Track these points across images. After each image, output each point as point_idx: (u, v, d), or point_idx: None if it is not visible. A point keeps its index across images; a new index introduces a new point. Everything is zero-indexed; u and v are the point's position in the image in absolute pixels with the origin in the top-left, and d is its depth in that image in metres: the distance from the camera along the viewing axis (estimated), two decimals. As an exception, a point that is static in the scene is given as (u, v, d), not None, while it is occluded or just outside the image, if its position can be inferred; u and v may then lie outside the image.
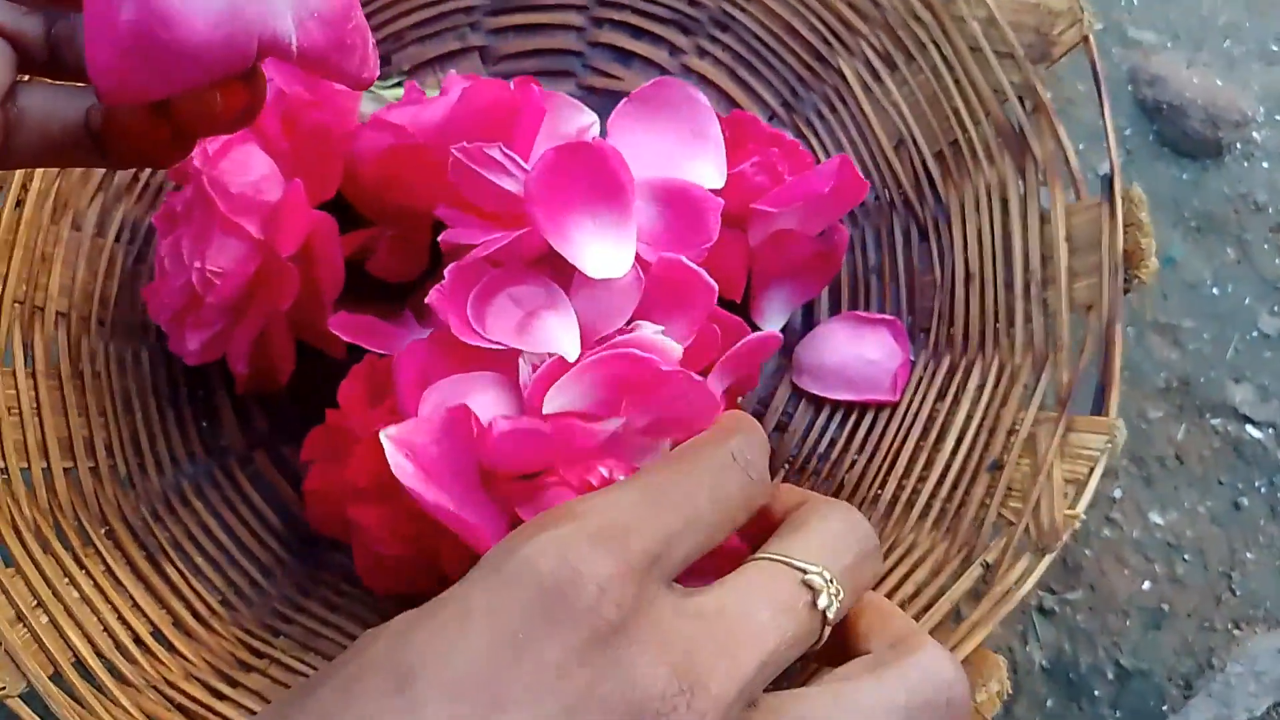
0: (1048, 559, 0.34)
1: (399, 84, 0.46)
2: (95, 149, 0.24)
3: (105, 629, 0.36)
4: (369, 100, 0.43)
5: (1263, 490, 0.49)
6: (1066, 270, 0.39)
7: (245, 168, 0.37)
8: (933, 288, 0.43)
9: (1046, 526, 0.35)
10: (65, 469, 0.39)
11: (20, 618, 0.34)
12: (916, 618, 0.35)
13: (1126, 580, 0.48)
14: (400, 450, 0.30)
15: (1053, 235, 0.39)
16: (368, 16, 0.47)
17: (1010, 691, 0.33)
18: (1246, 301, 0.51)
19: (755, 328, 0.43)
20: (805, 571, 0.24)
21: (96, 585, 0.37)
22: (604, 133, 0.38)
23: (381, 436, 0.30)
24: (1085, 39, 0.40)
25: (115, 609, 0.37)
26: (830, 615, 0.24)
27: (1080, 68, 0.38)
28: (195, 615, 0.39)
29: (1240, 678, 0.47)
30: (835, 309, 0.45)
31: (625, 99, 0.39)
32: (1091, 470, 0.35)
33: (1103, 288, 0.37)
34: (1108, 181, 0.37)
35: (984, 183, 0.42)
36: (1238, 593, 0.48)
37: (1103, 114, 0.38)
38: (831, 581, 0.24)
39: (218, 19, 0.21)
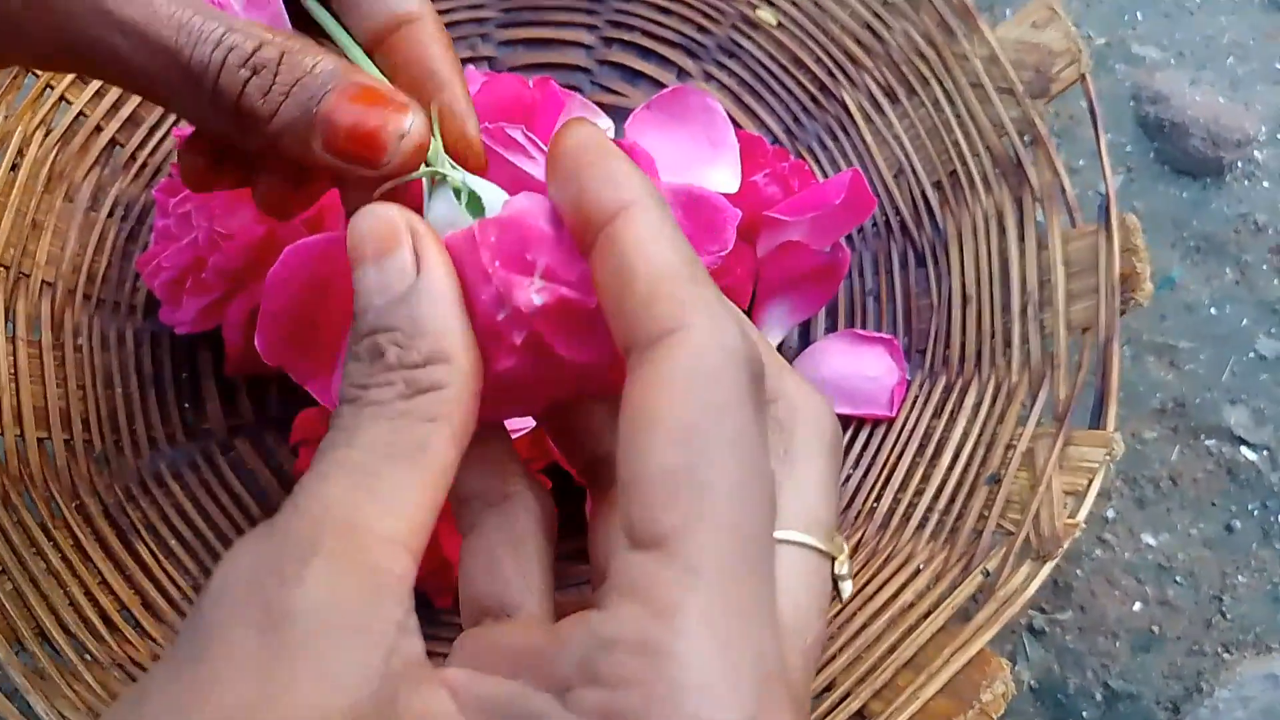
0: (1048, 566, 0.35)
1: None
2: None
3: (72, 603, 0.35)
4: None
5: (1255, 513, 0.48)
6: (1064, 293, 0.39)
7: None
8: (929, 310, 0.43)
9: (1047, 534, 0.35)
10: (39, 439, 0.38)
11: (-14, 581, 0.34)
12: (916, 625, 0.35)
13: (1117, 602, 0.48)
14: None
15: (1050, 260, 0.40)
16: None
17: (1014, 693, 0.32)
18: (1244, 323, 0.51)
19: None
20: (833, 559, 0.20)
21: (65, 559, 0.36)
22: (620, 137, 0.38)
23: None
24: (1083, 77, 0.41)
25: (83, 584, 0.36)
26: (843, 584, 0.21)
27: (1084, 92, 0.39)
28: (166, 597, 0.38)
29: (1228, 703, 0.47)
30: (833, 330, 0.45)
31: (644, 104, 0.40)
32: (1091, 482, 0.36)
33: (1100, 309, 0.38)
34: (1104, 209, 0.39)
35: (981, 210, 0.43)
36: (1228, 617, 0.47)
37: (1099, 146, 0.40)
38: (847, 556, 0.21)
39: None
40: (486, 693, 0.16)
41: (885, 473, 0.41)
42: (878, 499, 0.41)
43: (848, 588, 0.19)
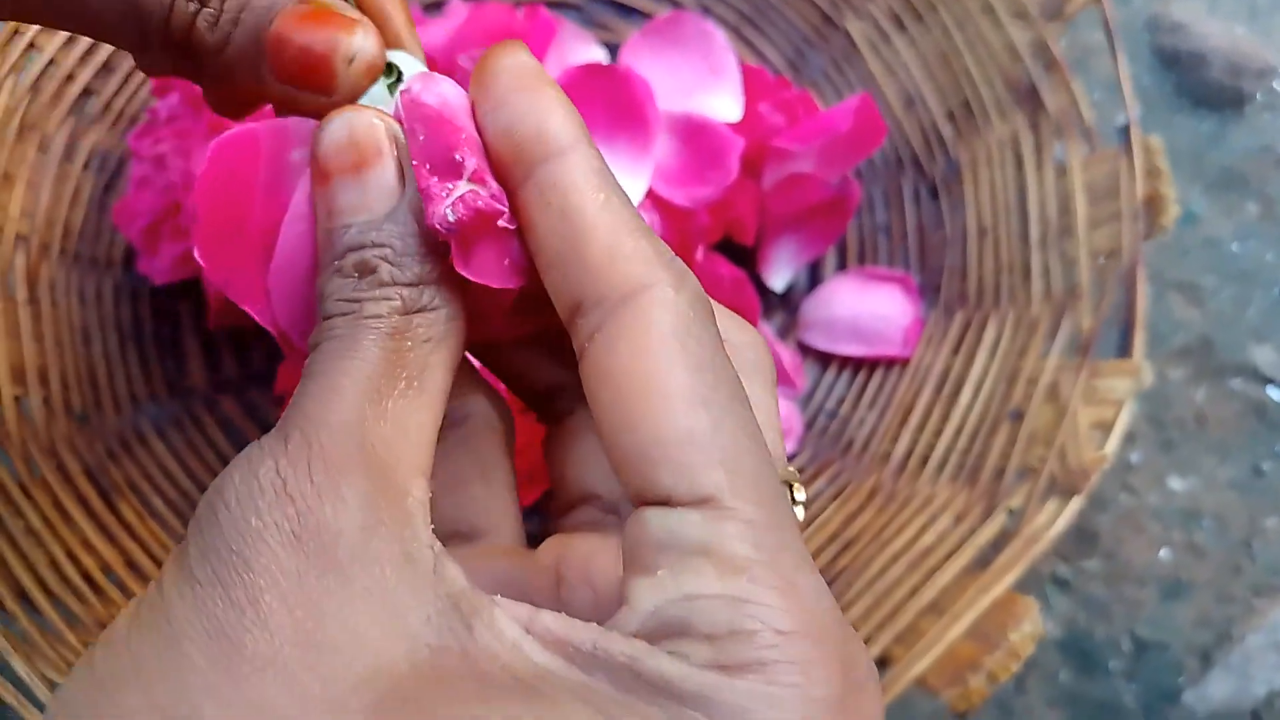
0: (1076, 501, 0.33)
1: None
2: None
3: (53, 564, 0.34)
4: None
5: (1285, 454, 0.47)
6: (1085, 220, 0.38)
7: None
8: (943, 245, 0.41)
9: (1074, 469, 0.33)
10: (15, 397, 0.37)
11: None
12: (939, 566, 0.33)
13: (1143, 549, 0.46)
14: None
15: (1070, 187, 0.38)
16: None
17: (1043, 633, 0.31)
18: (1268, 259, 0.49)
19: (761, 283, 0.42)
20: (792, 487, 0.20)
21: (45, 519, 0.34)
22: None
23: None
24: (1099, -3, 0.39)
25: (65, 545, 0.34)
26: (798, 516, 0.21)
27: (1099, 17, 0.37)
28: (151, 557, 0.36)
29: (1260, 649, 0.45)
30: (843, 268, 0.43)
31: (639, 31, 0.38)
32: (1118, 413, 0.34)
33: (1123, 233, 0.36)
34: (1124, 131, 0.37)
35: (996, 139, 0.41)
36: (1257, 561, 0.46)
37: (1116, 71, 0.38)
38: (800, 484, 0.21)
39: None
40: (562, 631, 0.15)
41: (902, 415, 0.39)
42: (894, 441, 0.39)
43: (800, 513, 0.20)
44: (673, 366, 0.16)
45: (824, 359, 0.42)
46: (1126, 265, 0.36)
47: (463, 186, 0.17)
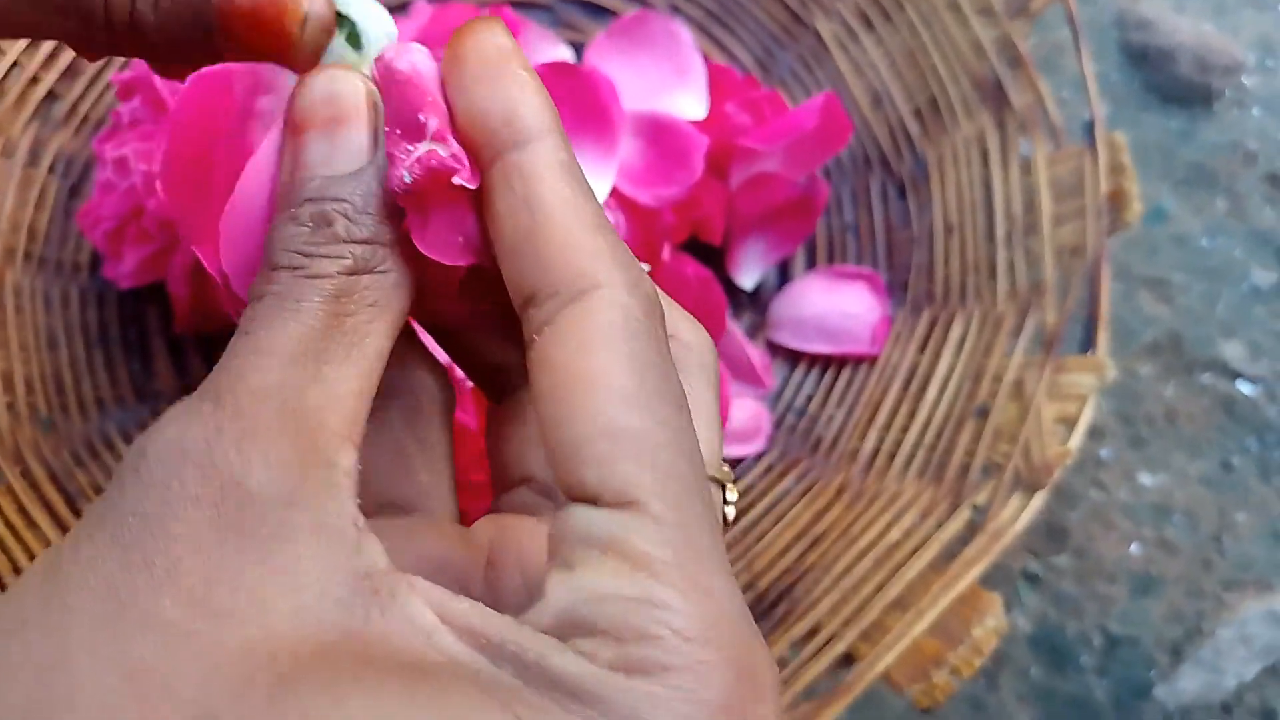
0: (1039, 497, 0.33)
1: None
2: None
3: (17, 570, 0.33)
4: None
5: (1254, 450, 0.47)
6: (1050, 216, 0.38)
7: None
8: (911, 243, 0.41)
9: (1037, 464, 0.33)
10: (-21, 402, 0.37)
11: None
12: (904, 562, 0.34)
13: (1114, 544, 0.46)
14: None
15: (1035, 184, 0.39)
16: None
17: (1006, 628, 0.31)
18: (1237, 255, 0.50)
19: (731, 282, 0.42)
20: (724, 487, 0.20)
21: (9, 525, 0.34)
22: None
23: None
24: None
25: (29, 551, 0.34)
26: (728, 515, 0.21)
27: (1067, 14, 0.37)
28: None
29: (1230, 643, 0.45)
30: (812, 267, 0.43)
31: (604, 31, 0.38)
32: (1082, 408, 0.34)
33: (1087, 229, 0.36)
34: (1089, 128, 0.37)
35: (962, 137, 0.41)
36: (1227, 556, 0.46)
37: (1081, 69, 0.38)
38: (733, 485, 0.21)
39: None
40: (476, 621, 0.15)
41: (870, 412, 0.39)
42: (862, 438, 0.39)
43: (731, 513, 0.20)
44: (614, 367, 0.16)
45: (793, 357, 0.42)
46: (1091, 261, 0.36)
47: (423, 147, 0.17)
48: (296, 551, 0.14)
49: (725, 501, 0.19)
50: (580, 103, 0.34)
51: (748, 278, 0.42)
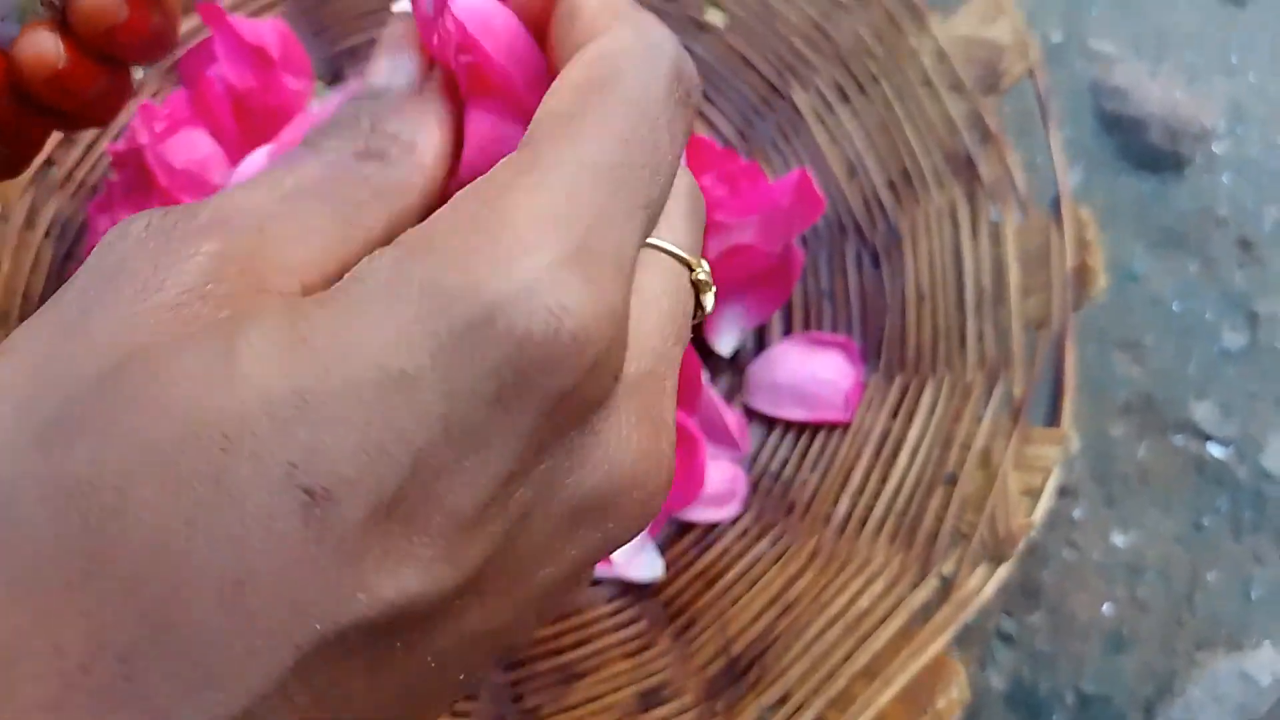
0: (1004, 568, 0.34)
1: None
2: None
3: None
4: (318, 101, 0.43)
5: (1224, 509, 0.48)
6: (1018, 287, 0.39)
7: (191, 147, 0.37)
8: (884, 310, 0.43)
9: (1002, 535, 0.34)
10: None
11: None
12: (872, 631, 0.34)
13: (1087, 603, 0.47)
14: None
15: (1003, 255, 0.40)
16: (327, 28, 0.47)
17: (969, 698, 0.32)
18: (1209, 317, 0.51)
19: (707, 349, 0.43)
20: (691, 269, 0.19)
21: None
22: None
23: None
24: (1030, 72, 0.41)
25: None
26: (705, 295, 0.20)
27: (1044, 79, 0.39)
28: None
29: (1201, 702, 0.46)
30: (788, 333, 0.44)
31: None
32: (1046, 480, 0.35)
33: (1053, 303, 0.37)
34: (1055, 203, 0.38)
35: (934, 208, 0.42)
36: (1199, 614, 0.47)
37: (1048, 143, 0.40)
38: (702, 263, 0.20)
39: None
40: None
41: (842, 477, 0.40)
42: (835, 503, 0.40)
43: (710, 300, 0.19)
44: (585, 54, 0.17)
45: (769, 422, 0.43)
46: (1056, 334, 0.37)
47: None
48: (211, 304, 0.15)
49: (696, 282, 0.19)
50: None
51: (725, 344, 0.43)
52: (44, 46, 0.21)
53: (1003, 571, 0.35)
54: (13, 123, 0.22)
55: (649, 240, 0.18)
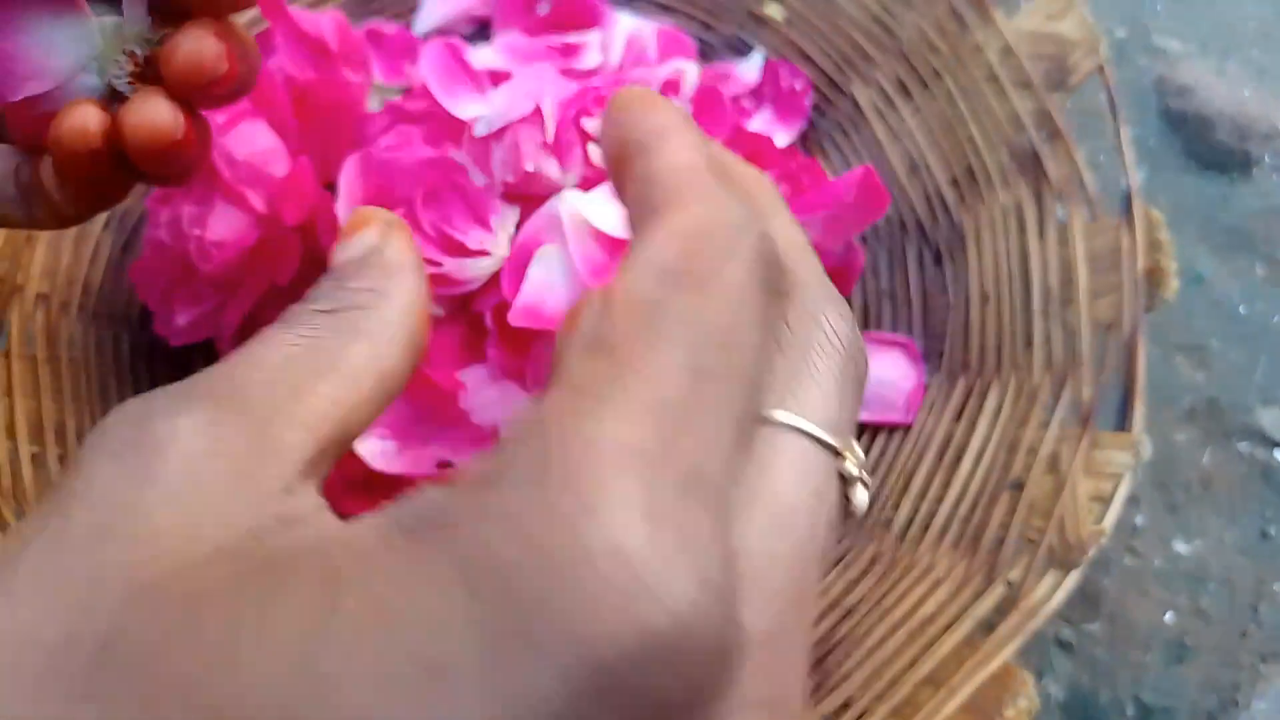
0: (1073, 575, 0.33)
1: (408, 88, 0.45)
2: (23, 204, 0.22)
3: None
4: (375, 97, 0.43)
5: (1290, 519, 0.46)
6: (1087, 290, 0.38)
7: (251, 140, 0.36)
8: (946, 310, 0.42)
9: (1071, 542, 0.33)
10: (33, 454, 0.37)
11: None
12: (937, 638, 0.34)
13: (1148, 612, 0.46)
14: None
15: (1071, 256, 0.39)
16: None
17: (1038, 708, 0.31)
18: (1275, 320, 0.49)
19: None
20: (840, 455, 0.17)
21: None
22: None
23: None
24: (1100, 68, 0.40)
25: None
26: (855, 491, 0.18)
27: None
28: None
29: (1265, 716, 0.45)
30: (845, 331, 0.43)
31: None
32: (1117, 486, 0.34)
33: (1124, 305, 0.37)
34: (1125, 202, 0.37)
35: (999, 206, 0.41)
36: (1264, 626, 0.45)
37: (1119, 142, 0.39)
38: (861, 461, 0.18)
39: None
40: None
41: (904, 481, 0.40)
42: (895, 508, 0.39)
43: (863, 497, 0.17)
44: (658, 244, 0.15)
45: (827, 422, 0.42)
46: (1127, 337, 0.36)
47: None
48: (202, 487, 0.14)
49: (844, 475, 0.17)
50: None
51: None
52: (159, 116, 0.20)
53: (1071, 580, 0.34)
54: (105, 183, 0.22)
55: (781, 418, 0.16)
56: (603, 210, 0.32)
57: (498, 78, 0.40)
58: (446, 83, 0.38)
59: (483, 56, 0.42)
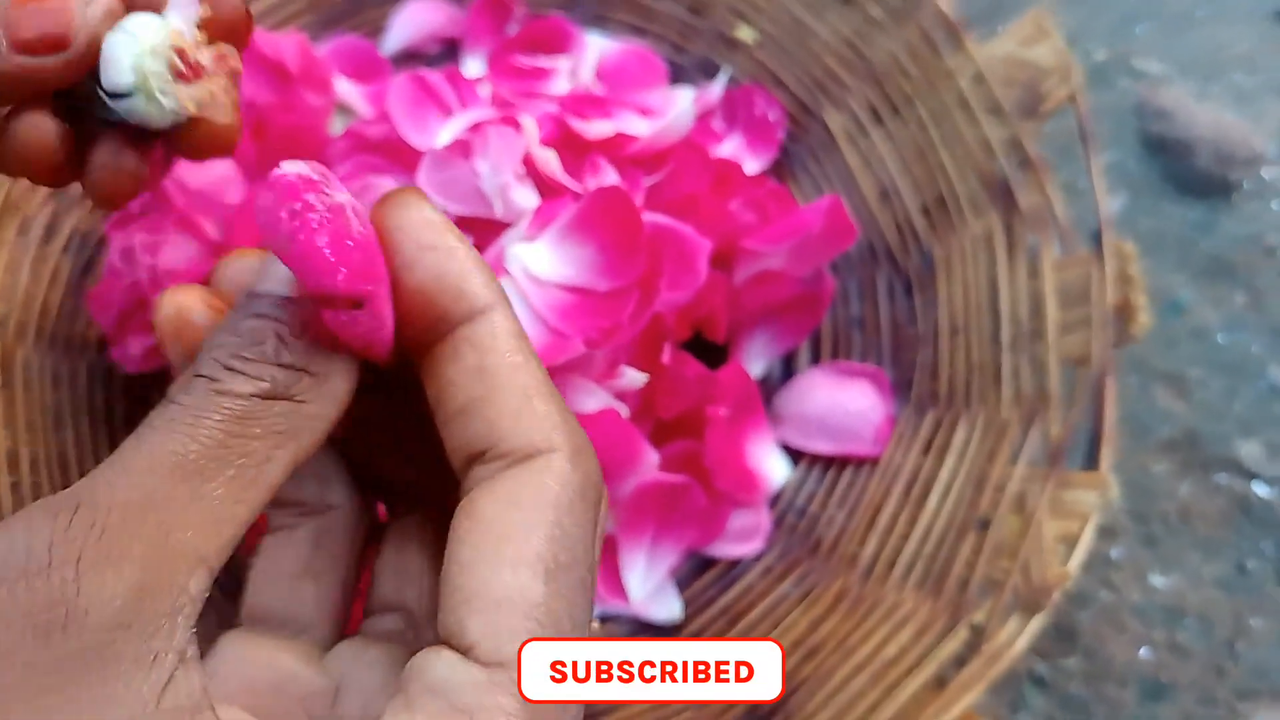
0: (1037, 619, 0.32)
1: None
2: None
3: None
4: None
5: (1269, 553, 0.46)
6: (1056, 324, 0.37)
7: (206, 168, 0.36)
8: (916, 341, 0.41)
9: (1037, 585, 0.33)
10: (-18, 486, 0.37)
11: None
12: (899, 681, 0.33)
13: (1124, 647, 0.45)
14: None
15: (1041, 289, 0.38)
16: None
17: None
18: (1255, 350, 0.49)
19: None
20: None
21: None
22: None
23: None
24: (1072, 97, 0.39)
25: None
26: None
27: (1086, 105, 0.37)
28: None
29: (1242, 757, 0.44)
30: (816, 361, 0.43)
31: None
32: (1084, 527, 0.33)
33: (1093, 341, 0.36)
34: (1096, 235, 0.37)
35: (970, 236, 0.41)
36: (1241, 663, 0.45)
37: (1088, 169, 0.37)
38: None
39: None
40: None
41: (870, 515, 0.39)
42: (862, 543, 0.38)
43: None
44: (536, 533, 0.16)
45: (795, 455, 0.41)
46: (1096, 374, 0.36)
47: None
48: (114, 685, 0.14)
49: None
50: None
51: (753, 368, 0.41)
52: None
53: (1036, 623, 0.33)
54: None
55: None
56: (549, 260, 0.32)
57: (468, 98, 0.39)
58: (413, 115, 0.37)
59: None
